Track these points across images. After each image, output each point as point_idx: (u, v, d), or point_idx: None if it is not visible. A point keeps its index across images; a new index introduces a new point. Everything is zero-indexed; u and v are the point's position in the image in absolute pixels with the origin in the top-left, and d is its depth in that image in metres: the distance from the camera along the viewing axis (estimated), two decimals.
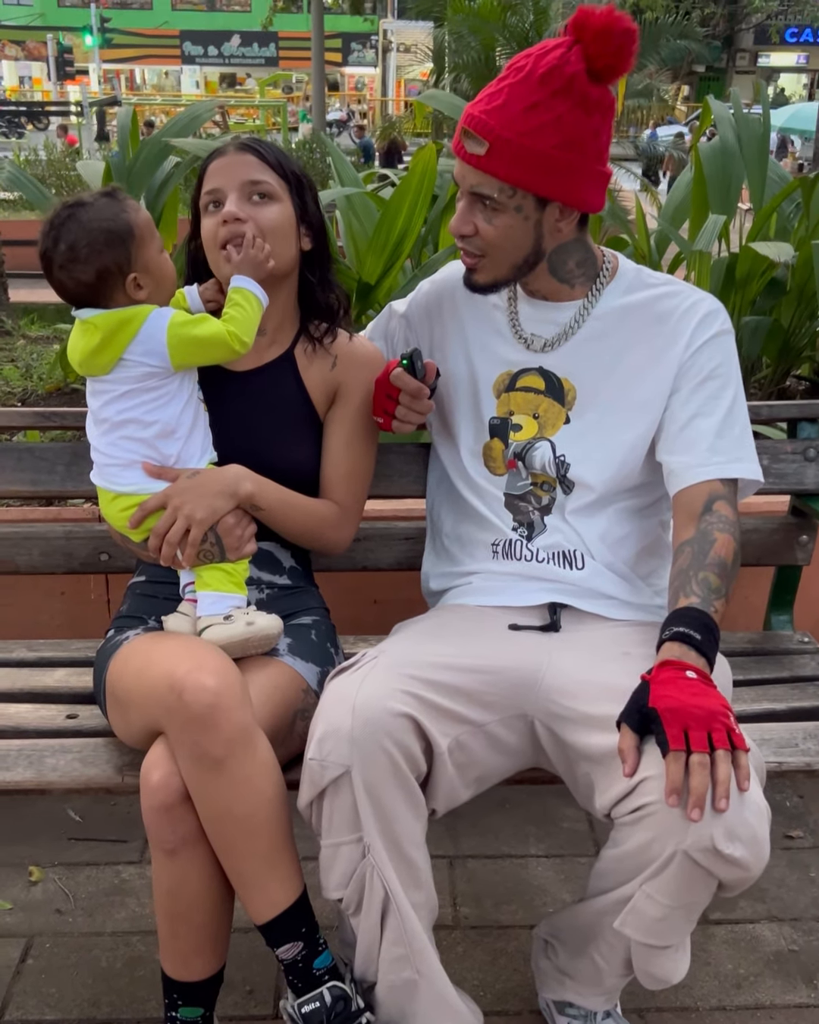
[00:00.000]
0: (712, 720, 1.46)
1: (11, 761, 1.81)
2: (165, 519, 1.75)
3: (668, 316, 1.82)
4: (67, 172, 12.64)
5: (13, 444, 2.15)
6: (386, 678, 1.62)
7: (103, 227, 1.69)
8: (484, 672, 1.70)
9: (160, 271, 1.75)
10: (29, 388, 4.21)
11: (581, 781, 1.67)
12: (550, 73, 1.65)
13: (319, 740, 1.58)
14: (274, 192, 1.82)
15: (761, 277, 3.92)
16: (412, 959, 1.63)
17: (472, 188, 1.73)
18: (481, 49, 11.95)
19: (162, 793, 1.59)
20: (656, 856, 1.49)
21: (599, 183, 1.76)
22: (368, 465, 1.97)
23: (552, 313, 1.86)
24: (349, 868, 1.60)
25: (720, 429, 1.78)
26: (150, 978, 2.03)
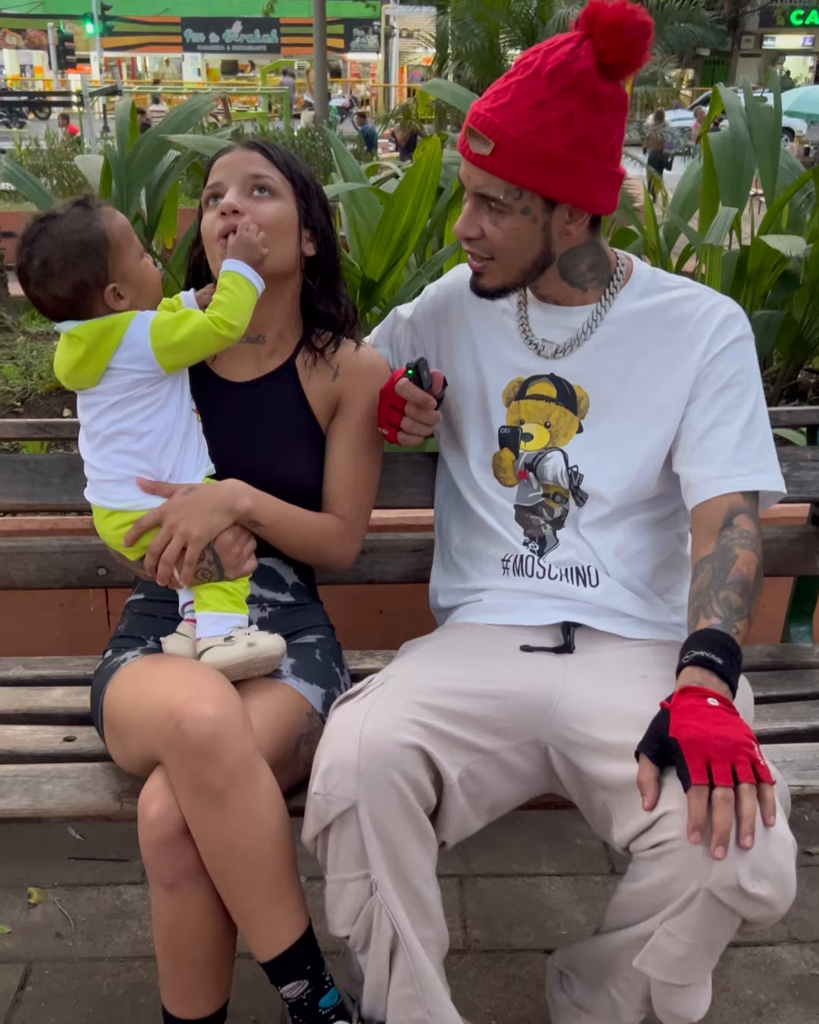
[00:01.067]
0: (736, 752, 1.39)
1: (6, 787, 1.75)
2: (160, 537, 1.69)
3: (685, 321, 1.75)
4: (68, 163, 12.58)
5: (8, 456, 2.08)
6: (393, 707, 1.56)
7: (76, 239, 1.63)
8: (496, 697, 1.63)
9: (141, 278, 1.69)
10: (29, 387, 4.14)
11: (598, 810, 1.60)
12: (558, 70, 1.57)
13: (324, 773, 1.51)
14: (276, 188, 1.76)
15: (773, 270, 3.84)
16: (422, 999, 1.57)
17: (477, 189, 1.65)
18: (485, 36, 11.81)
19: (160, 826, 1.53)
20: (677, 894, 1.43)
21: (610, 184, 1.68)
22: (373, 477, 1.90)
23: (564, 318, 1.79)
24: (356, 905, 1.54)
25: (740, 439, 1.70)
26: (152, 1006, 1.97)
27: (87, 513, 2.42)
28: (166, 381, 1.71)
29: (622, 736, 1.53)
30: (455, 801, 1.57)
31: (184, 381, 1.76)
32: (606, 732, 1.57)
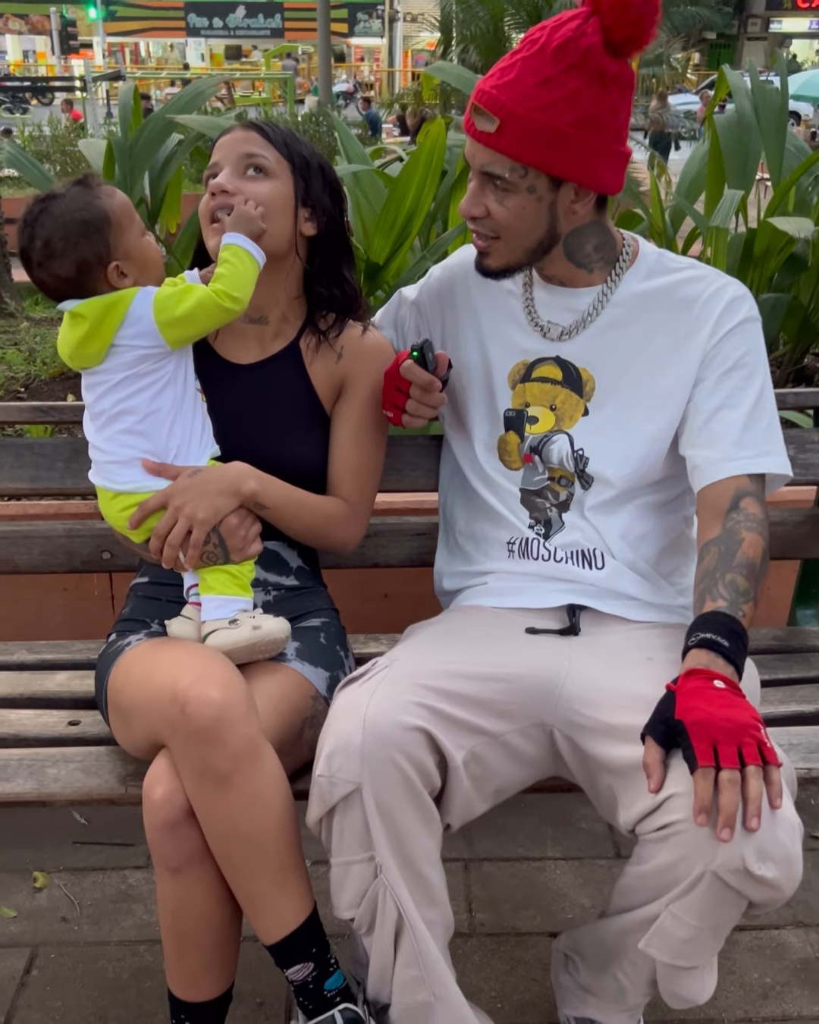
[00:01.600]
0: (742, 734, 1.38)
1: (11, 771, 1.74)
2: (166, 520, 1.68)
3: (691, 302, 1.73)
4: (71, 148, 12.54)
5: (12, 440, 2.08)
6: (398, 689, 1.55)
7: (77, 218, 1.62)
8: (501, 680, 1.62)
9: (143, 255, 1.68)
10: (32, 373, 4.13)
11: (603, 793, 1.60)
12: (564, 46, 1.56)
13: (328, 756, 1.50)
14: (270, 167, 1.74)
15: (779, 253, 3.82)
16: (427, 981, 1.57)
17: (482, 167, 1.64)
18: (490, 19, 11.75)
19: (165, 810, 1.52)
20: (683, 876, 1.42)
21: (617, 163, 1.67)
22: (377, 460, 1.89)
23: (570, 299, 1.78)
24: (361, 887, 1.54)
25: (747, 422, 1.69)
26: (158, 990, 1.97)
27: (91, 497, 2.42)
28: (171, 358, 1.70)
29: (627, 719, 1.52)
30: (460, 783, 1.57)
31: (188, 360, 1.75)
32: (611, 714, 1.57)
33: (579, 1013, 1.76)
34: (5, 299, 5.29)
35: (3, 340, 4.63)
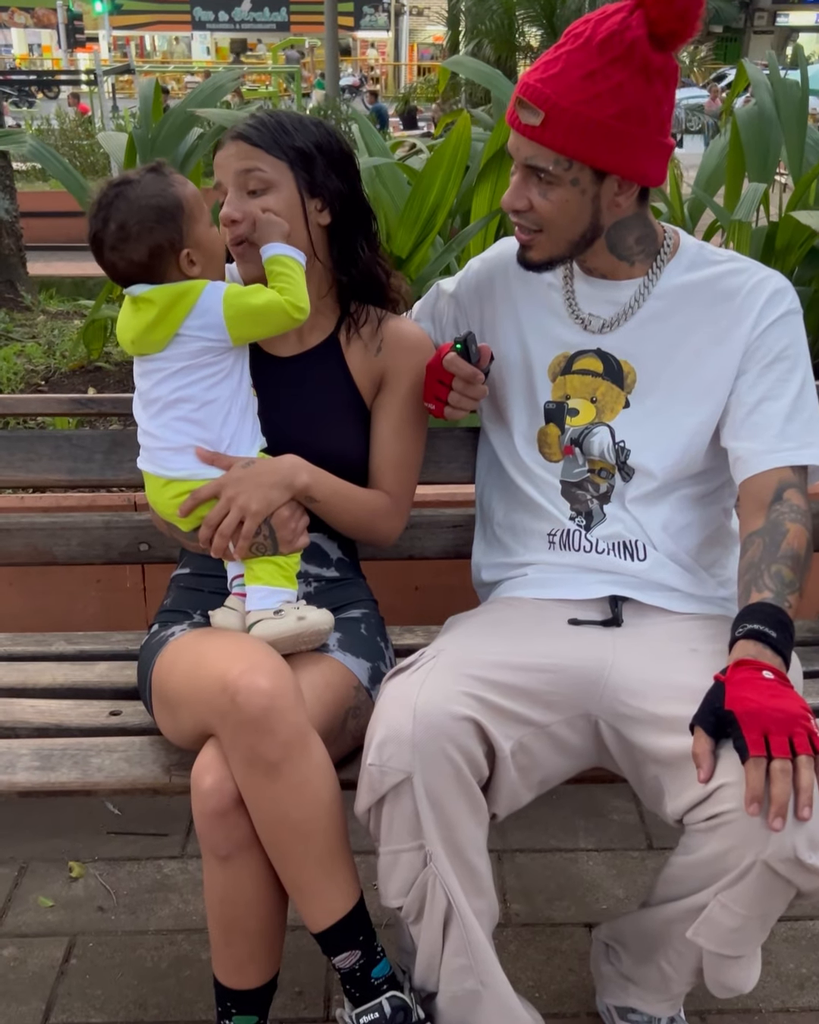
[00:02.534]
0: (793, 724, 1.39)
1: (55, 761, 1.76)
2: (218, 509, 1.69)
3: (733, 294, 1.74)
4: (80, 142, 12.54)
5: (51, 432, 2.08)
6: (447, 679, 1.56)
7: (152, 203, 1.63)
8: (546, 671, 1.63)
9: (212, 245, 1.70)
10: (52, 366, 4.14)
11: (649, 784, 1.61)
12: (609, 39, 1.56)
13: (379, 745, 1.51)
14: (268, 179, 1.72)
15: (801, 247, 3.82)
16: (475, 969, 1.58)
17: (526, 160, 1.64)
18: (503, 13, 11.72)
19: (215, 798, 1.53)
20: (733, 866, 1.43)
21: (660, 155, 1.67)
22: (418, 453, 1.90)
23: (611, 292, 1.78)
24: (410, 876, 1.55)
25: (790, 413, 1.69)
26: (197, 978, 1.99)
27: (128, 489, 2.44)
28: (230, 353, 1.71)
29: (674, 709, 1.53)
30: (507, 773, 1.58)
31: (245, 358, 1.76)
32: (658, 705, 1.58)
33: (620, 1002, 1.77)
34: (22, 293, 5.30)
35: (21, 333, 4.65)
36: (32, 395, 2.68)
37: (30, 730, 1.86)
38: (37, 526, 2.15)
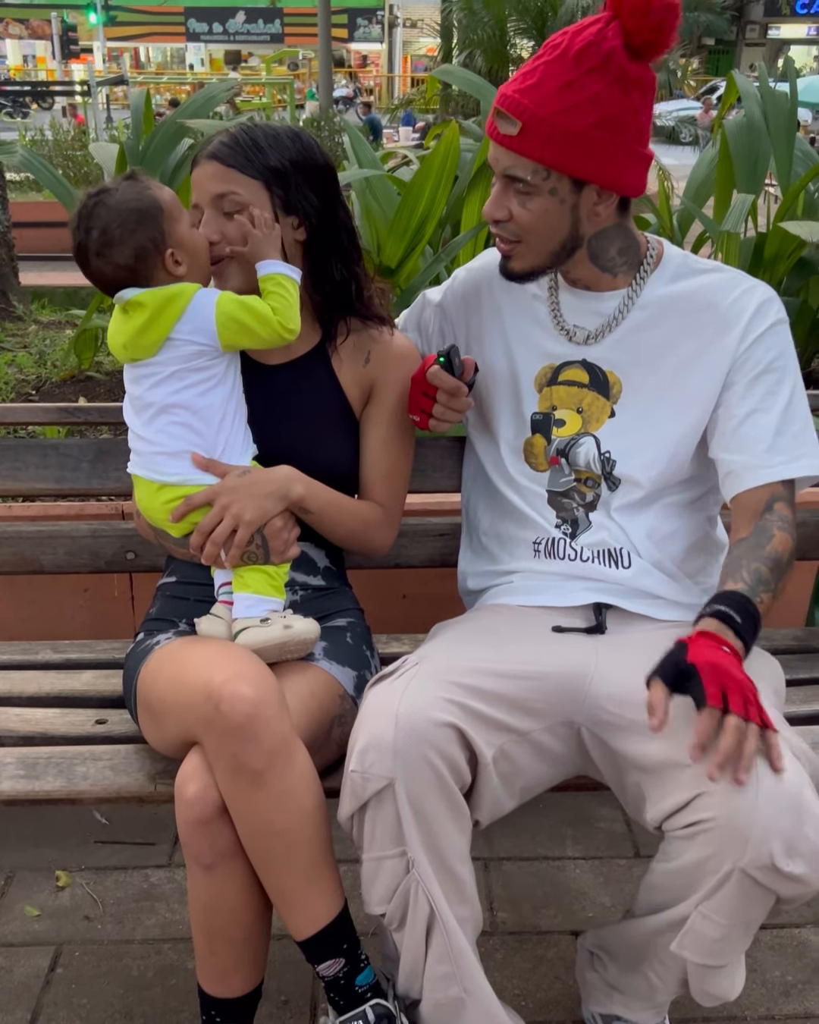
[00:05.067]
0: (747, 691, 1.40)
1: (41, 769, 1.75)
2: (212, 517, 1.69)
3: (718, 304, 1.74)
4: (73, 152, 12.56)
5: (37, 441, 2.09)
6: (429, 686, 1.56)
7: (132, 207, 1.65)
8: (529, 678, 1.64)
9: (194, 245, 1.71)
10: (43, 375, 4.15)
11: (631, 791, 1.61)
12: (586, 50, 1.58)
13: (361, 752, 1.52)
14: (242, 201, 1.72)
15: (789, 257, 3.85)
16: (458, 976, 1.58)
17: (505, 171, 1.66)
18: (494, 24, 11.79)
19: (198, 806, 1.53)
20: (712, 873, 1.44)
21: (639, 165, 1.68)
22: (407, 463, 1.92)
23: (595, 303, 1.79)
24: (392, 883, 1.55)
25: (779, 426, 1.70)
26: (183, 987, 1.98)
27: (115, 498, 2.44)
28: (223, 359, 1.72)
29: None
30: (489, 780, 1.58)
31: (237, 365, 1.77)
32: (640, 712, 1.57)
33: (605, 1010, 1.77)
34: (13, 302, 5.30)
35: (13, 343, 4.65)
36: (20, 404, 2.68)
37: (16, 739, 1.86)
38: (24, 535, 2.15)
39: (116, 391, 3.92)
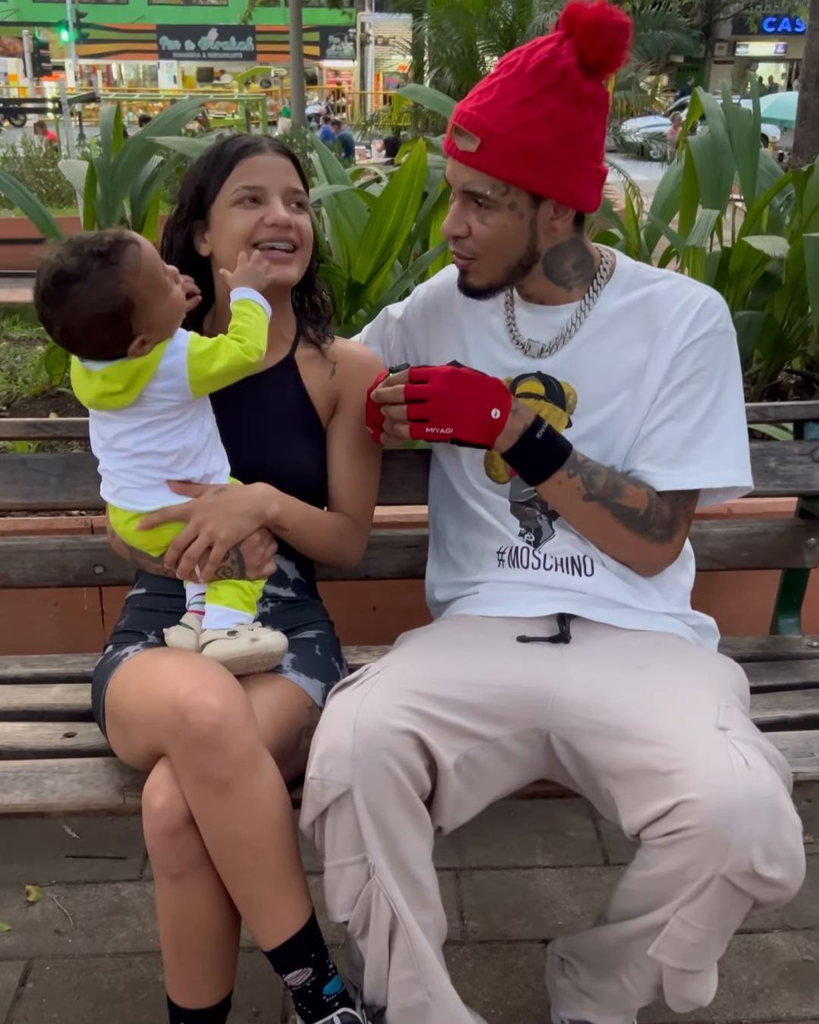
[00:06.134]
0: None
1: (8, 783, 1.76)
2: (187, 533, 1.70)
3: (666, 310, 1.77)
4: (45, 170, 12.54)
5: (5, 455, 2.10)
6: (388, 694, 1.58)
7: (97, 312, 1.56)
8: (495, 686, 1.66)
9: (165, 321, 1.63)
10: (14, 391, 4.15)
11: (604, 796, 1.63)
12: (541, 67, 1.62)
13: (320, 758, 1.53)
14: (305, 201, 1.81)
15: (754, 272, 3.89)
16: (422, 981, 1.59)
17: (464, 186, 1.68)
18: (463, 42, 11.88)
19: (166, 817, 1.54)
20: (691, 880, 1.46)
21: (594, 181, 1.72)
22: (375, 474, 1.94)
23: (549, 317, 1.82)
24: (354, 889, 1.56)
25: (691, 437, 1.74)
26: (153, 1000, 1.98)
27: (86, 513, 2.45)
28: (195, 402, 1.71)
29: (624, 720, 1.57)
30: (450, 786, 1.60)
31: (207, 398, 1.75)
32: (607, 716, 1.60)
33: (575, 1015, 1.78)
34: None
35: None
36: None
37: None
38: None
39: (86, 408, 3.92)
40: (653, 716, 1.56)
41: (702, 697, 1.61)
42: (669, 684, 1.63)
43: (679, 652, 1.75)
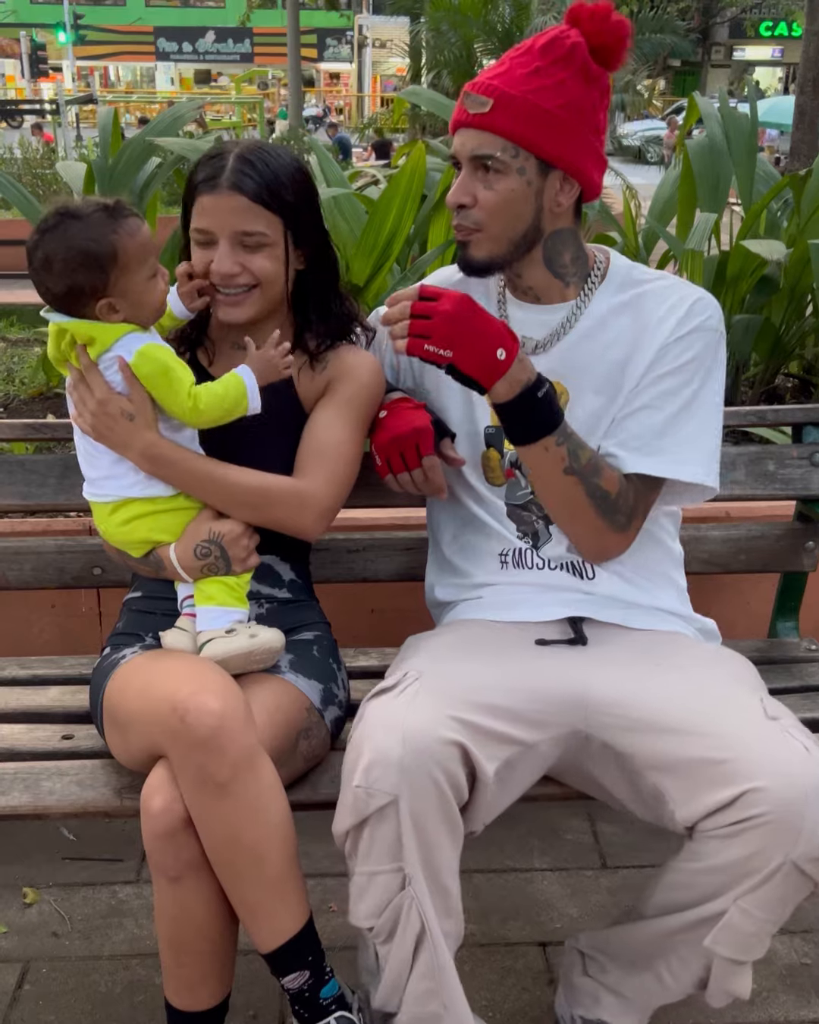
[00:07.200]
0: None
1: (6, 785, 1.76)
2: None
3: (655, 308, 1.78)
4: (42, 171, 12.54)
5: (3, 457, 2.09)
6: (434, 702, 1.56)
7: (84, 247, 1.59)
8: (529, 690, 1.65)
9: (141, 298, 1.65)
10: (11, 393, 4.14)
11: (647, 792, 1.62)
12: (551, 43, 1.68)
13: (366, 768, 1.51)
14: (265, 240, 1.73)
15: (751, 275, 3.89)
16: (440, 993, 1.59)
17: (473, 151, 1.69)
18: (461, 45, 11.90)
19: (164, 819, 1.54)
20: (758, 869, 1.48)
21: (597, 161, 1.76)
22: (345, 452, 1.82)
23: (543, 315, 1.82)
24: (384, 898, 1.55)
25: (665, 427, 1.74)
26: (150, 1003, 1.98)
27: (84, 514, 2.44)
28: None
29: (666, 714, 1.58)
30: (486, 793, 1.58)
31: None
32: (648, 712, 1.60)
33: (590, 1014, 1.77)
34: None
35: None
36: None
37: None
38: None
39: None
40: (692, 708, 1.58)
41: (735, 688, 1.64)
42: (699, 678, 1.65)
43: (696, 648, 1.78)
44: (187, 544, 1.74)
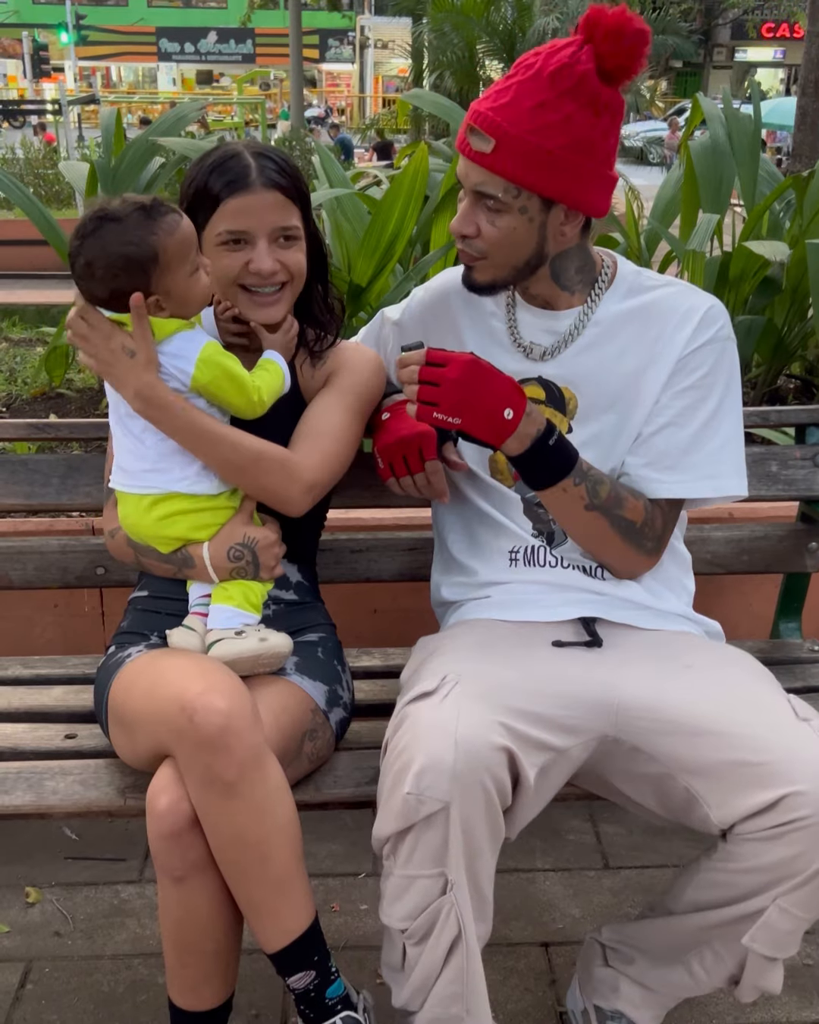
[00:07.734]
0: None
1: (10, 784, 1.76)
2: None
3: (668, 317, 1.77)
4: (44, 171, 12.56)
5: (6, 457, 2.09)
6: (481, 708, 1.54)
7: (124, 252, 1.59)
8: (559, 695, 1.64)
9: (184, 295, 1.65)
10: (13, 393, 4.15)
11: (677, 794, 1.61)
12: (560, 72, 1.61)
13: (418, 774, 1.49)
14: (298, 234, 1.76)
15: (754, 276, 3.89)
16: (465, 997, 1.59)
17: (476, 187, 1.68)
18: (464, 46, 11.89)
19: (170, 819, 1.54)
20: (801, 870, 1.49)
21: (605, 187, 1.72)
22: (340, 435, 1.81)
23: (551, 321, 1.82)
24: (423, 902, 1.54)
25: (691, 444, 1.75)
26: (153, 1002, 1.98)
27: (86, 514, 2.45)
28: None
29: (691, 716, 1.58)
30: (525, 798, 1.58)
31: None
32: (674, 714, 1.60)
33: (609, 1005, 1.79)
34: None
35: None
36: None
37: None
38: None
39: (87, 408, 3.93)
40: (723, 709, 1.58)
41: (759, 687, 1.64)
42: (722, 679, 1.65)
43: (712, 650, 1.77)
44: (221, 545, 1.74)
